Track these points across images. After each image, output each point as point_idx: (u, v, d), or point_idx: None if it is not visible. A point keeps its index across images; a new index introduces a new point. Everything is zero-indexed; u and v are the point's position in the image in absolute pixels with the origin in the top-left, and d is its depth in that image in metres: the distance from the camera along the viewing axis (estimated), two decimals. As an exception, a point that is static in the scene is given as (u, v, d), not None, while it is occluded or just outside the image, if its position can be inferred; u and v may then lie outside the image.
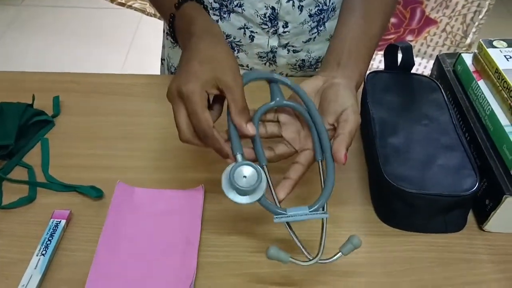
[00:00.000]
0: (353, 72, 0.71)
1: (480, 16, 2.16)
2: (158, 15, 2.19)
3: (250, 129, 0.64)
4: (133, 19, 2.80)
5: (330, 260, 0.62)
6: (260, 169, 0.62)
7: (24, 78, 1.00)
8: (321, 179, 0.66)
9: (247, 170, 0.62)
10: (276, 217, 0.63)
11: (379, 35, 0.77)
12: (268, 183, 0.64)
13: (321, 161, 0.67)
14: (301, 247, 0.63)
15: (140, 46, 2.64)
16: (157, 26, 2.53)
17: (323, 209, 0.63)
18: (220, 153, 0.65)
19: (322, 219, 0.64)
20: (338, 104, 0.66)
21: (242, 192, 0.61)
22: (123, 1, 1.96)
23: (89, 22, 2.82)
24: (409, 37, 2.24)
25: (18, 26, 2.82)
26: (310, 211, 0.63)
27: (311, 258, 0.63)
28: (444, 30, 2.20)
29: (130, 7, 1.98)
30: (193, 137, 0.64)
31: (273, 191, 0.65)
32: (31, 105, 0.90)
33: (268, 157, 0.68)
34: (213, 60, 0.64)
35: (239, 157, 0.64)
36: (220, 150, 0.65)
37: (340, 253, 0.63)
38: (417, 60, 2.27)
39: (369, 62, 0.76)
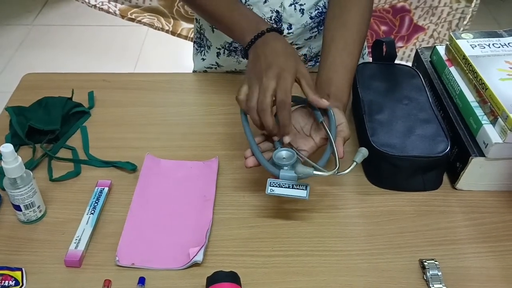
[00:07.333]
0: (340, 102, 0.89)
1: (465, 22, 2.31)
2: (166, 28, 2.34)
3: (326, 102, 0.82)
4: (139, 34, 2.97)
5: (347, 171, 0.78)
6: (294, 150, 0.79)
7: (63, 78, 1.16)
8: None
9: (282, 153, 0.79)
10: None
11: (356, 64, 0.95)
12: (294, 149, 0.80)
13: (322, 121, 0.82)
14: (319, 167, 0.78)
15: (147, 60, 2.80)
16: (161, 40, 2.69)
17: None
18: (267, 128, 0.79)
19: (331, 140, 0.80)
20: (337, 120, 0.84)
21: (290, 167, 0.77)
22: (133, 17, 2.13)
23: (97, 38, 2.98)
24: (399, 44, 2.39)
25: (29, 44, 2.97)
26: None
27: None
28: (431, 36, 2.36)
29: (139, 22, 2.15)
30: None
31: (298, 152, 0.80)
32: (71, 99, 1.05)
33: None
34: (292, 54, 0.82)
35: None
36: (269, 127, 0.79)
37: (354, 162, 0.78)
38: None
39: (350, 91, 0.93)
